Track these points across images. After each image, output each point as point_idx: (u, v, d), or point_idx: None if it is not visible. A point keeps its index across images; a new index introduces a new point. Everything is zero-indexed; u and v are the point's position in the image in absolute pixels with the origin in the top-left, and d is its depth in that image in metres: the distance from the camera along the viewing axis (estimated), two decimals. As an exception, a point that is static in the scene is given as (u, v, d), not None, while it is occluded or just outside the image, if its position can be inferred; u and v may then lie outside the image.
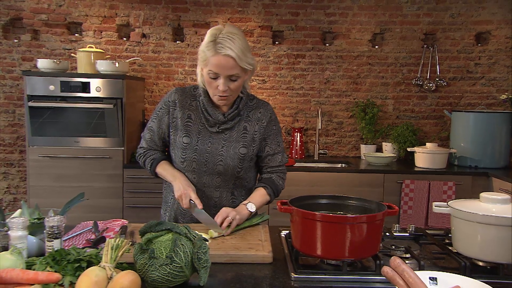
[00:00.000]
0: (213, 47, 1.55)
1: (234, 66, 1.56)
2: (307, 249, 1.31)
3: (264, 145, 1.79)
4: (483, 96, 4.09)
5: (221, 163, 1.71)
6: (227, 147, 1.72)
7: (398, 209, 1.39)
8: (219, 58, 1.55)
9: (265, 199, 1.77)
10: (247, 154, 1.74)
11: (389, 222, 1.57)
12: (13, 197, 4.08)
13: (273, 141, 1.80)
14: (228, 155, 1.71)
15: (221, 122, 1.72)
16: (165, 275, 1.11)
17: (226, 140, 1.73)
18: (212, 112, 1.71)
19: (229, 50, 1.54)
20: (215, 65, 1.56)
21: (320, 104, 4.09)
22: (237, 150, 1.73)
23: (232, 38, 1.56)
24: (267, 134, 1.78)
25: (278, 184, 1.82)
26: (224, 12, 3.99)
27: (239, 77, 1.61)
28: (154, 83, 4.06)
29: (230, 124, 1.73)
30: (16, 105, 3.98)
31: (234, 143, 1.73)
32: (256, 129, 1.76)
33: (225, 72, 1.57)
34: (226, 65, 1.56)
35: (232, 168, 1.73)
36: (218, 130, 1.73)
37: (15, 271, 1.07)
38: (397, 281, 0.89)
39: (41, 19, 3.92)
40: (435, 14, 4.00)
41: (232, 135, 1.74)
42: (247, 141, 1.74)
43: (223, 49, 1.54)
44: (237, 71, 1.58)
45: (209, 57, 1.57)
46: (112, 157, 3.44)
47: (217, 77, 1.59)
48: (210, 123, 1.73)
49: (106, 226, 1.66)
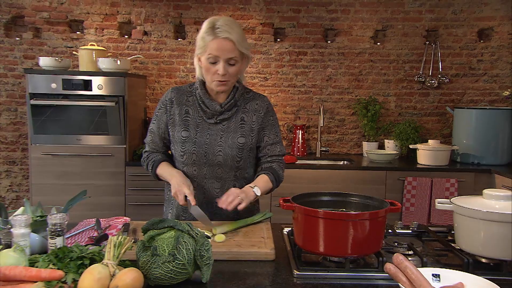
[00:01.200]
0: (212, 32, 1.61)
1: (233, 49, 1.62)
2: (310, 246, 1.31)
3: (262, 135, 1.81)
4: (485, 93, 4.08)
5: (220, 153, 1.73)
6: (225, 138, 1.74)
7: (400, 206, 1.39)
8: (219, 41, 1.60)
9: (269, 186, 1.76)
10: (246, 143, 1.76)
11: (391, 219, 1.57)
12: (15, 195, 4.10)
13: (271, 131, 1.82)
14: (226, 145, 1.73)
15: (218, 112, 1.74)
16: (167, 272, 1.12)
17: (224, 131, 1.75)
18: (209, 103, 1.74)
19: (228, 33, 1.60)
20: (215, 49, 1.61)
21: (322, 101, 4.09)
22: (236, 140, 1.75)
23: (230, 23, 1.63)
24: (265, 124, 1.80)
25: (279, 173, 1.82)
26: (225, 9, 3.98)
27: (237, 61, 1.65)
28: (155, 80, 4.06)
29: (228, 114, 1.76)
30: (18, 103, 3.99)
31: (232, 133, 1.75)
32: (253, 119, 1.78)
33: (224, 55, 1.62)
34: (226, 47, 1.61)
35: (232, 158, 1.74)
36: (216, 121, 1.75)
37: (18, 269, 1.08)
38: (400, 277, 0.89)
39: (43, 17, 3.92)
40: (437, 10, 3.99)
41: (230, 125, 1.76)
42: (245, 131, 1.76)
43: (222, 33, 1.60)
44: (235, 54, 1.63)
45: (208, 42, 1.61)
46: (114, 154, 3.45)
47: (217, 61, 1.63)
48: (207, 115, 1.75)
49: (108, 223, 1.66)
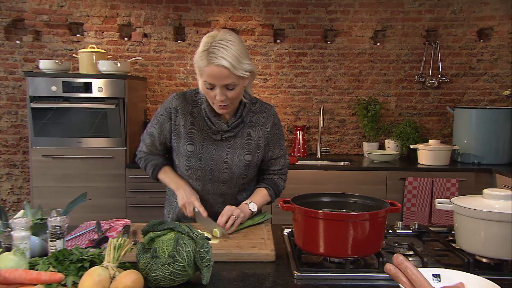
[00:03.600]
0: (206, 57, 1.49)
1: (229, 75, 1.50)
2: (310, 247, 1.31)
3: (267, 150, 1.77)
4: (485, 93, 4.08)
5: (227, 170, 1.70)
6: (231, 155, 1.70)
7: (400, 206, 1.39)
8: (212, 68, 1.49)
9: (266, 200, 1.77)
10: (252, 161, 1.73)
11: (392, 219, 1.56)
12: (16, 198, 4.10)
13: (276, 145, 1.78)
14: (233, 163, 1.70)
15: (224, 130, 1.69)
16: (167, 274, 1.11)
17: (230, 147, 1.70)
18: (215, 121, 1.67)
19: (222, 59, 1.47)
20: (209, 76, 1.51)
21: (322, 102, 4.09)
22: (242, 157, 1.71)
23: (225, 46, 1.49)
24: (271, 139, 1.77)
25: (280, 185, 1.83)
26: (225, 11, 3.98)
27: (236, 85, 1.55)
28: (155, 82, 4.06)
29: (234, 132, 1.70)
30: (19, 106, 4.00)
31: (239, 150, 1.71)
32: (260, 134, 1.73)
33: (220, 82, 1.52)
34: (220, 75, 1.50)
35: (238, 175, 1.71)
36: (222, 138, 1.70)
37: (18, 271, 1.08)
38: (400, 278, 0.89)
39: (43, 20, 3.93)
40: (437, 10, 3.99)
41: (236, 142, 1.71)
42: (252, 148, 1.72)
43: (215, 59, 1.48)
44: (232, 80, 1.52)
45: (202, 67, 1.52)
46: (115, 157, 3.45)
47: (213, 87, 1.54)
48: (213, 131, 1.69)
49: (108, 226, 1.66)
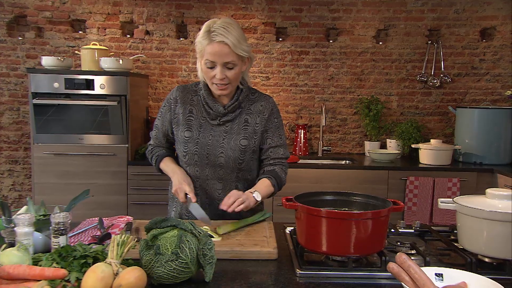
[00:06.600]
0: (208, 36, 1.59)
1: (229, 52, 1.59)
2: (312, 245, 1.31)
3: (265, 137, 1.79)
4: (488, 92, 4.07)
5: (222, 155, 1.72)
6: (228, 139, 1.73)
7: (403, 205, 1.39)
8: (214, 45, 1.58)
9: (270, 190, 1.75)
10: (248, 146, 1.75)
11: (393, 219, 1.56)
12: (18, 194, 4.11)
13: (274, 133, 1.79)
14: (229, 147, 1.72)
15: (222, 114, 1.73)
16: (170, 271, 1.12)
17: (227, 132, 1.74)
18: (213, 104, 1.73)
19: (223, 37, 1.57)
20: (210, 54, 1.60)
21: (324, 101, 4.08)
22: (238, 142, 1.73)
23: (226, 27, 1.59)
24: (269, 127, 1.78)
25: (282, 176, 1.80)
26: (227, 8, 3.98)
27: (235, 64, 1.63)
28: (158, 80, 4.06)
29: (231, 116, 1.74)
30: (21, 102, 4.00)
31: (235, 135, 1.74)
32: (257, 121, 1.76)
33: (220, 60, 1.60)
34: (221, 52, 1.59)
35: (234, 160, 1.73)
36: (219, 122, 1.74)
37: (22, 267, 1.08)
38: (403, 277, 0.89)
39: (45, 16, 3.93)
40: (440, 9, 3.98)
41: (233, 127, 1.75)
42: (248, 133, 1.75)
43: (217, 37, 1.57)
44: (232, 58, 1.61)
45: (204, 46, 1.60)
46: (117, 154, 3.45)
47: (214, 66, 1.62)
48: (211, 116, 1.74)
49: (111, 222, 1.67)
